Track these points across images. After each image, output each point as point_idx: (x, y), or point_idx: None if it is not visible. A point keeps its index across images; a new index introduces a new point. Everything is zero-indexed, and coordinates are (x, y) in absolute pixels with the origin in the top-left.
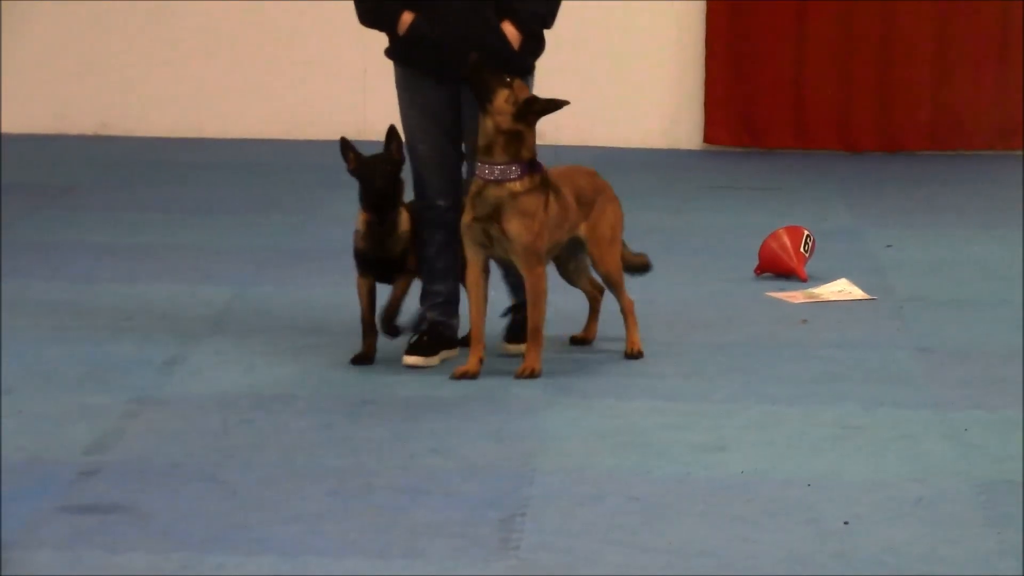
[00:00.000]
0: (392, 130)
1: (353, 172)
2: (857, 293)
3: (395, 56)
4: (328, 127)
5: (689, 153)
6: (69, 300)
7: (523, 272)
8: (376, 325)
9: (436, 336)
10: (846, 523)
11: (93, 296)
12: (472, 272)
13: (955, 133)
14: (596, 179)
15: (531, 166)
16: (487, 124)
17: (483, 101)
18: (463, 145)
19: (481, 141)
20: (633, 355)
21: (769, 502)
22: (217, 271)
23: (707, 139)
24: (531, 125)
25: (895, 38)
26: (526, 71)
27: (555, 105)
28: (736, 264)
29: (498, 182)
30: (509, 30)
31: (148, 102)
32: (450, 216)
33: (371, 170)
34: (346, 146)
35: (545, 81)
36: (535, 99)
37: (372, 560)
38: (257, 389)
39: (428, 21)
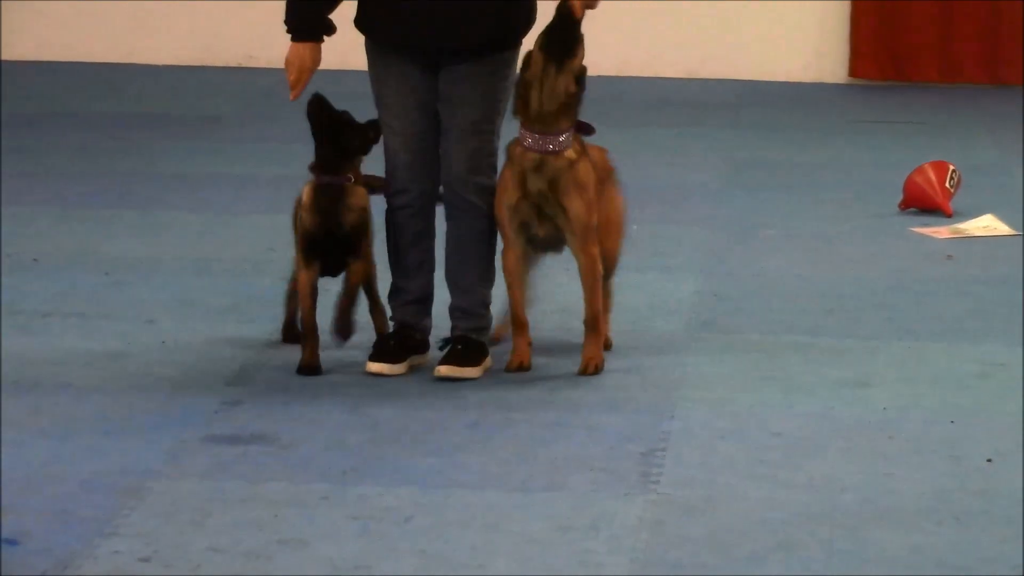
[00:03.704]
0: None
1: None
2: (1003, 229)
3: (361, 27)
4: None
5: (834, 87)
6: (213, 231)
7: (579, 253)
8: (334, 325)
9: (403, 340)
10: (989, 460)
11: (236, 227)
12: (513, 256)
13: None
14: (607, 160)
15: (577, 128)
16: (557, 85)
17: (564, 57)
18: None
19: (548, 106)
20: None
21: (911, 439)
22: None
23: (852, 72)
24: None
25: None
26: (510, 46)
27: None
28: (881, 199)
29: (557, 152)
30: None
31: None
32: (424, 202)
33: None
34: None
35: (689, 14)
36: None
37: (512, 492)
38: None
39: None
